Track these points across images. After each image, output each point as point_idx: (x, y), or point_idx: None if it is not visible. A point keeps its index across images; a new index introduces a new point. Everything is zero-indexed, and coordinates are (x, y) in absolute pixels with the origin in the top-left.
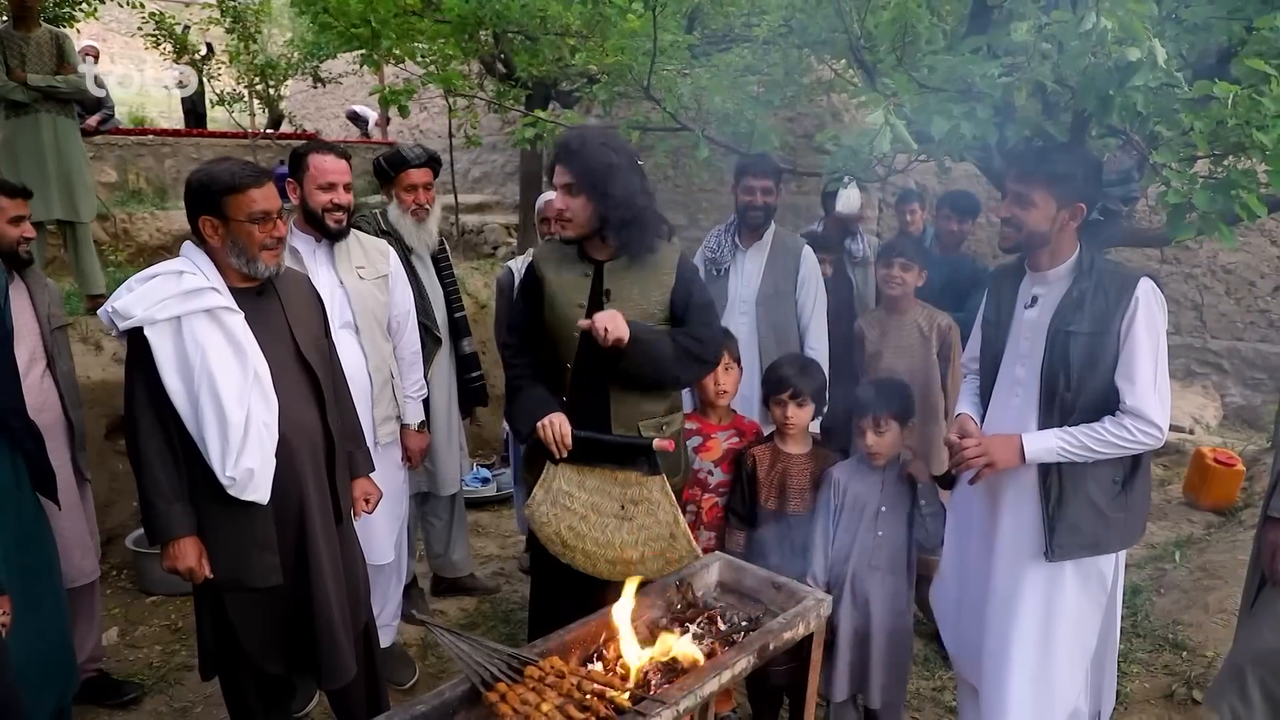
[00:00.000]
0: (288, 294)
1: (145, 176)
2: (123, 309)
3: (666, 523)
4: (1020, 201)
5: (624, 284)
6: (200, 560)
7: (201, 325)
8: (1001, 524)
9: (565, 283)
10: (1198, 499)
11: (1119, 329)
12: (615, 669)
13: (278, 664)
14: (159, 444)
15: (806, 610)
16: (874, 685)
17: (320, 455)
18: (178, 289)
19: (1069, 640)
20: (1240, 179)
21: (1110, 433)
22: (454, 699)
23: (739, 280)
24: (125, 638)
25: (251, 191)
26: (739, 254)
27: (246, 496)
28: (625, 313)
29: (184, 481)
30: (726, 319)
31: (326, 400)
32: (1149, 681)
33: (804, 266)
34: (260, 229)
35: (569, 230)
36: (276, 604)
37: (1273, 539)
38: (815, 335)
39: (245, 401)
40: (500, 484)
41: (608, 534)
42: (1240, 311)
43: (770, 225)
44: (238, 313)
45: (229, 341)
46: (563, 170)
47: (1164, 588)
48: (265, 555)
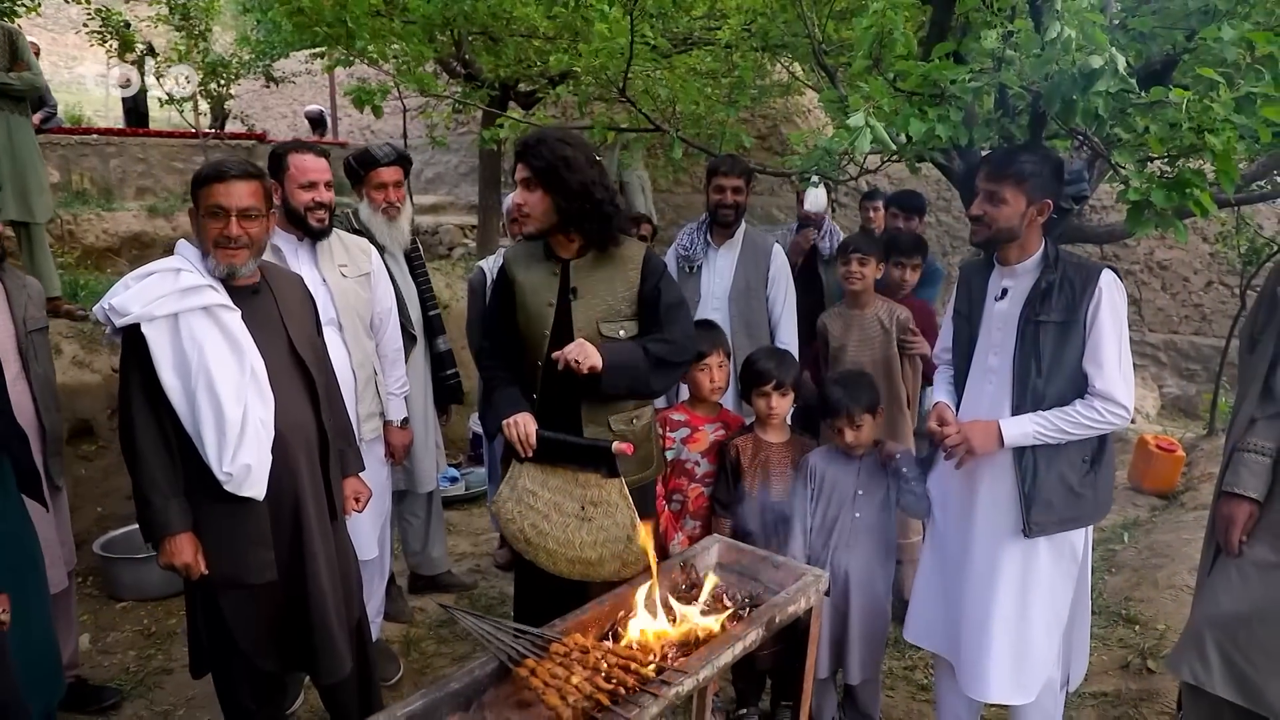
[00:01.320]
0: (282, 292)
1: (90, 177)
2: (119, 306)
3: (624, 525)
4: (991, 199)
5: (590, 281)
6: (196, 556)
7: (199, 322)
8: (979, 504)
9: (534, 282)
10: (1142, 484)
11: (1085, 318)
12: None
13: (272, 661)
14: (154, 440)
15: (806, 586)
16: (853, 662)
17: (315, 452)
18: (175, 286)
19: (1045, 611)
20: (1194, 178)
21: (1082, 415)
22: (483, 676)
23: (711, 277)
24: (97, 644)
25: (214, 185)
26: (711, 251)
27: (243, 492)
28: (590, 310)
29: (179, 478)
30: (699, 314)
31: (320, 398)
32: (1105, 655)
33: (774, 264)
34: (214, 223)
35: (528, 225)
36: (271, 601)
37: (1225, 512)
38: (785, 330)
39: (242, 398)
40: (469, 483)
41: (568, 534)
42: (1176, 306)
43: (741, 224)
44: (235, 310)
45: (226, 339)
46: (522, 166)
47: (1115, 567)
48: (261, 551)
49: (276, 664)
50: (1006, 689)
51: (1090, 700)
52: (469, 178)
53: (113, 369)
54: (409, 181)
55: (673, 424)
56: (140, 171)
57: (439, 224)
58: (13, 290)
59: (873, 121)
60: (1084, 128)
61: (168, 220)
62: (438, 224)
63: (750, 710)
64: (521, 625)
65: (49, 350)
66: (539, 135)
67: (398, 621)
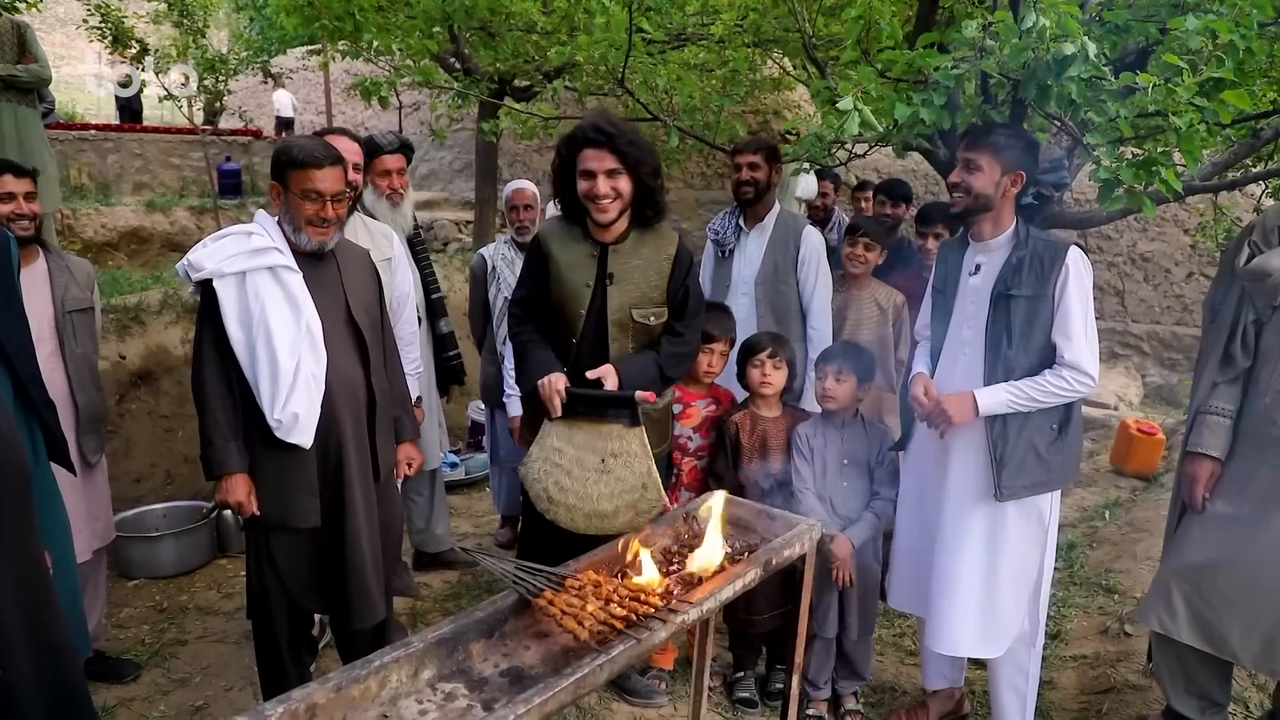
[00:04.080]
0: (347, 263)
1: (88, 172)
2: (196, 262)
3: (640, 474)
4: (969, 167)
5: (626, 268)
6: (249, 496)
7: (264, 281)
8: (951, 470)
9: (571, 260)
10: (1123, 466)
11: (1054, 292)
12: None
13: (314, 601)
14: (220, 387)
15: (800, 533)
16: (851, 622)
17: (362, 411)
18: (246, 247)
19: (1012, 571)
20: (1160, 158)
21: (1051, 384)
22: (505, 608)
23: (742, 261)
24: (111, 619)
25: (311, 171)
26: (742, 235)
27: (291, 439)
28: (625, 295)
29: (240, 424)
30: (729, 299)
31: (372, 361)
32: (1085, 621)
33: (805, 246)
34: (310, 204)
35: (610, 213)
36: (315, 546)
37: (1189, 471)
38: (817, 315)
39: (296, 352)
40: (469, 468)
41: (588, 487)
42: (1158, 297)
43: (774, 205)
44: (297, 272)
45: (287, 297)
46: (607, 155)
47: (1096, 542)
48: (307, 498)
49: (318, 604)
50: (975, 643)
51: (1070, 663)
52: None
53: (120, 356)
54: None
55: None
56: (138, 167)
57: (434, 219)
58: (54, 270)
59: (860, 105)
60: (1059, 112)
61: (165, 215)
62: (433, 219)
63: (748, 673)
64: (538, 565)
65: (92, 331)
66: (611, 123)
67: (404, 596)
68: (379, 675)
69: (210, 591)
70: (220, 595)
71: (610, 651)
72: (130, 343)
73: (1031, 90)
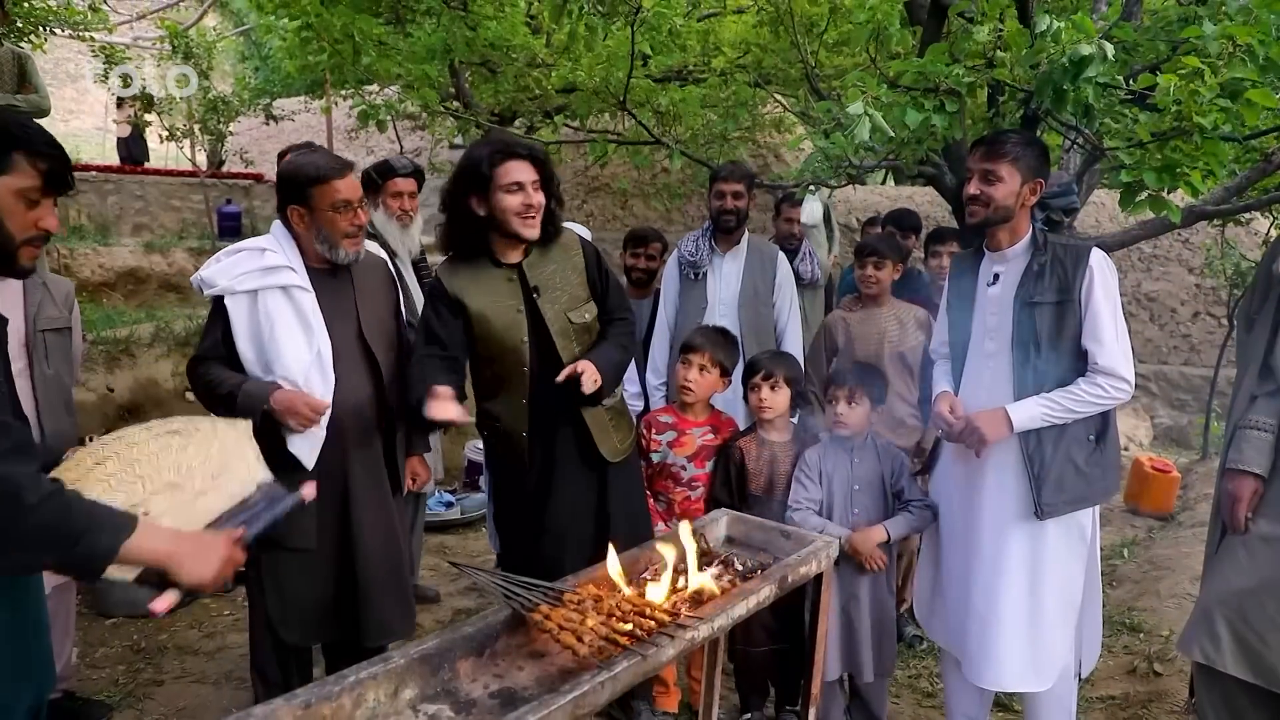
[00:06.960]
0: (362, 277)
1: (87, 213)
2: (209, 278)
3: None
4: (987, 178)
5: (546, 276)
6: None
7: (275, 300)
8: (985, 490)
9: (492, 297)
10: (1139, 505)
11: (1080, 296)
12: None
13: (293, 633)
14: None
15: (817, 550)
16: (864, 661)
17: (372, 431)
18: (259, 264)
19: (1057, 594)
20: (1183, 159)
21: (1086, 392)
22: (496, 624)
23: (718, 283)
24: (85, 659)
25: (335, 182)
26: (716, 258)
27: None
28: (555, 303)
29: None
30: (706, 321)
31: (385, 378)
32: (1111, 660)
33: (779, 272)
34: (342, 217)
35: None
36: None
37: (1230, 488)
38: (790, 338)
39: (305, 375)
40: (464, 507)
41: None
42: (1164, 337)
43: (744, 230)
44: (309, 292)
45: (298, 318)
46: (528, 166)
47: (1116, 581)
48: (302, 519)
49: (298, 637)
50: (1021, 676)
51: (1098, 704)
52: None
53: (108, 388)
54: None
55: (660, 426)
56: (138, 209)
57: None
58: (28, 286)
59: (871, 110)
60: (1075, 120)
61: (163, 256)
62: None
63: (755, 716)
64: (534, 580)
65: (67, 352)
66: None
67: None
68: (354, 693)
69: (191, 630)
70: (201, 634)
71: (613, 668)
72: (119, 375)
73: (1047, 95)
